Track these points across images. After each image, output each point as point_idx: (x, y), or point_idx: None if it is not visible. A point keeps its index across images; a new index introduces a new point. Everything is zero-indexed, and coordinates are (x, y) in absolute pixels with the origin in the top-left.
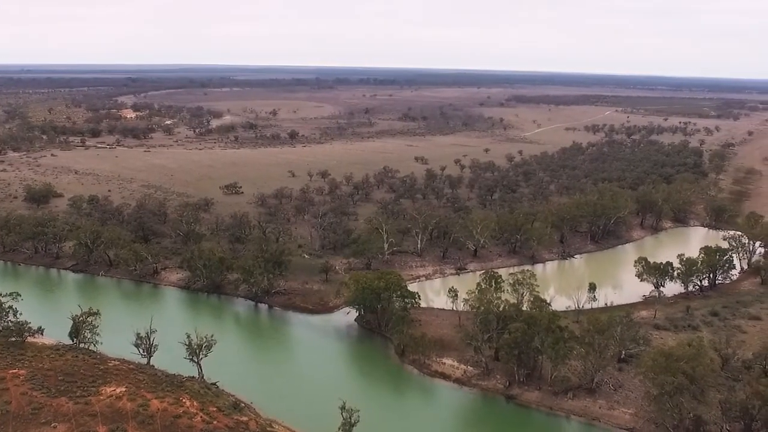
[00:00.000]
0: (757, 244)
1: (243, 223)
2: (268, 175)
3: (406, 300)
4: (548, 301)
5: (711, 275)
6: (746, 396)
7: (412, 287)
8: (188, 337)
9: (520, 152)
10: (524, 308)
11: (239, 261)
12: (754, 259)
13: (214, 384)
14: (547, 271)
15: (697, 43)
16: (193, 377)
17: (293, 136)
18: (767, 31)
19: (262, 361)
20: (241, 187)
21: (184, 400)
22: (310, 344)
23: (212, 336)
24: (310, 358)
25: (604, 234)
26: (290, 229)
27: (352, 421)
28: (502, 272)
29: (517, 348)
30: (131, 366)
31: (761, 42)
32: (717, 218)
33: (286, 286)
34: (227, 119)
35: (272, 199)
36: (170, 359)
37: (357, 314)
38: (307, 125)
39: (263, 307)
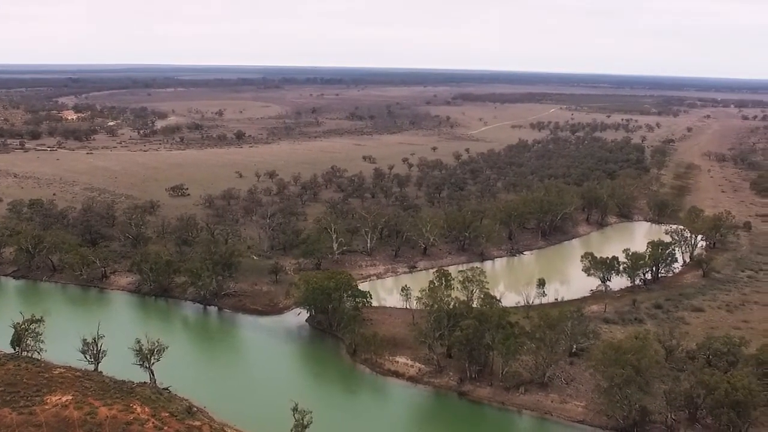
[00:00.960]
0: (699, 237)
1: (190, 225)
2: (215, 176)
3: (357, 299)
4: (498, 298)
5: (654, 269)
6: (690, 386)
7: (364, 286)
8: (138, 342)
9: (467, 150)
10: (475, 305)
11: (187, 263)
12: (695, 252)
13: (167, 389)
14: (496, 267)
15: (637, 42)
16: (145, 383)
17: (240, 136)
18: (705, 31)
19: (214, 364)
20: (187, 188)
21: (134, 407)
22: (261, 346)
23: (161, 340)
24: (261, 360)
25: (552, 230)
26: (239, 230)
27: (305, 422)
28: (452, 270)
29: (469, 345)
30: (77, 373)
31: (699, 41)
32: (660, 213)
33: (236, 288)
34: (172, 120)
35: (220, 200)
36: (119, 365)
37: (308, 315)
38: (253, 125)
39: (213, 309)
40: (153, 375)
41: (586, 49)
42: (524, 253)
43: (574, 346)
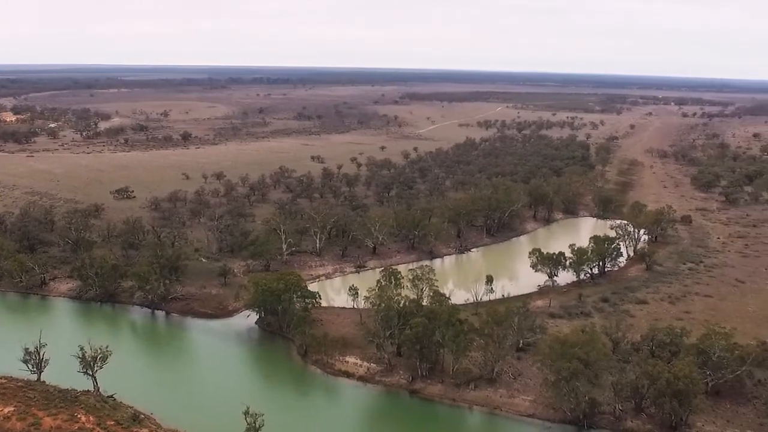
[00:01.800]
0: (642, 231)
1: (136, 229)
2: (161, 178)
3: (307, 300)
4: (448, 295)
5: (600, 263)
6: (636, 376)
7: (313, 287)
8: (81, 349)
9: (416, 149)
10: (424, 303)
11: (133, 267)
12: (639, 246)
13: (111, 396)
14: (445, 265)
15: (581, 42)
16: (89, 391)
17: (186, 137)
18: (646, 30)
19: (162, 369)
20: (133, 191)
21: (79, 416)
22: (210, 350)
23: (107, 347)
24: (211, 363)
25: (499, 227)
26: (186, 232)
27: (257, 425)
28: (402, 268)
29: (419, 343)
30: (20, 383)
31: (640, 41)
32: (604, 208)
33: (184, 292)
34: (116, 121)
35: (166, 202)
36: (63, 374)
37: (257, 317)
38: (200, 126)
39: (160, 314)
40: (96, 382)
41: (532, 48)
42: (473, 250)
43: (521, 341)
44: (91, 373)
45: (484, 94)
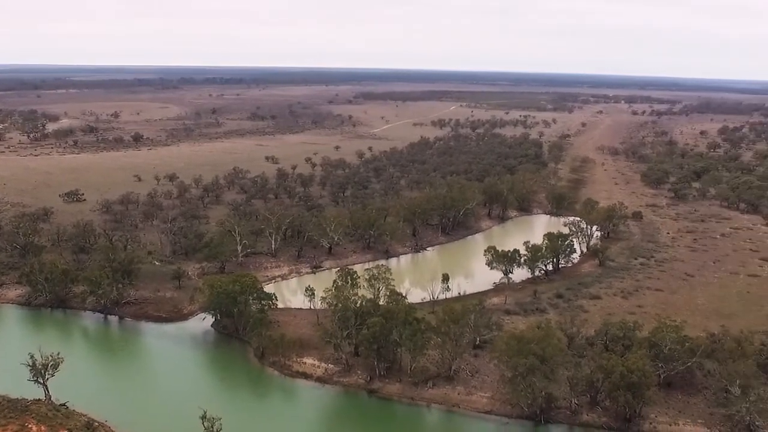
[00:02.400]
0: (594, 228)
1: (87, 232)
2: (112, 181)
3: (263, 302)
4: (404, 294)
5: (554, 260)
6: (591, 370)
7: (269, 288)
8: (31, 356)
9: (370, 148)
10: (381, 303)
11: (85, 272)
12: (592, 242)
13: (64, 405)
14: (401, 264)
15: (533, 41)
16: (40, 400)
17: (137, 138)
18: (595, 30)
19: (116, 375)
20: (83, 194)
21: (30, 426)
22: (165, 354)
23: (58, 354)
24: (166, 368)
25: (455, 226)
26: (139, 235)
27: (215, 429)
28: (358, 268)
29: (376, 342)
30: None
31: (590, 40)
32: (557, 206)
33: (137, 296)
34: (65, 123)
35: (118, 205)
36: (12, 383)
37: (213, 319)
38: (151, 127)
39: (113, 318)
40: (47, 391)
41: (485, 48)
42: (428, 249)
43: (478, 339)
44: (42, 381)
45: (437, 94)
